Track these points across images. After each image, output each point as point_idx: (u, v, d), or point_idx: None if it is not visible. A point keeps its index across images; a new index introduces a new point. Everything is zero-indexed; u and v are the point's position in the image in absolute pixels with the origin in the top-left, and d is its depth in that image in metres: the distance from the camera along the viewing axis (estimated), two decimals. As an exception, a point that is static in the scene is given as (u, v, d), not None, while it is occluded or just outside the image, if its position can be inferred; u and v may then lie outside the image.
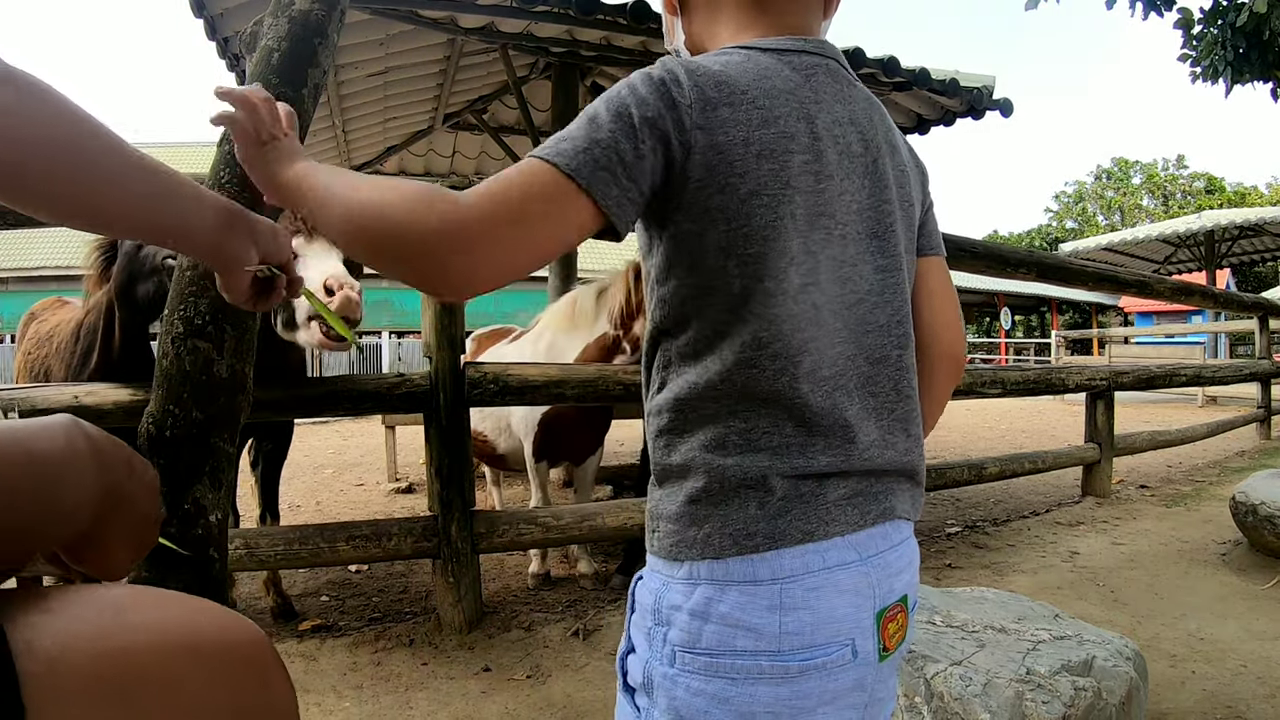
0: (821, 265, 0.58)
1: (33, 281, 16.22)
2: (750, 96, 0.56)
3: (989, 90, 3.75)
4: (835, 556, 0.56)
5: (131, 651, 0.40)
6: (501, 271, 0.52)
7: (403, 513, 4.02)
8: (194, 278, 1.03)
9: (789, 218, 0.56)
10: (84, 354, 2.12)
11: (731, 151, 0.54)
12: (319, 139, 4.84)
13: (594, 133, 0.52)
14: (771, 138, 0.56)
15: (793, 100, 0.58)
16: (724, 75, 0.56)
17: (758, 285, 0.56)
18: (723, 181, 0.54)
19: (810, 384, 0.57)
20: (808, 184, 0.57)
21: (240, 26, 2.99)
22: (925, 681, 1.21)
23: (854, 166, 0.61)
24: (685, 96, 0.54)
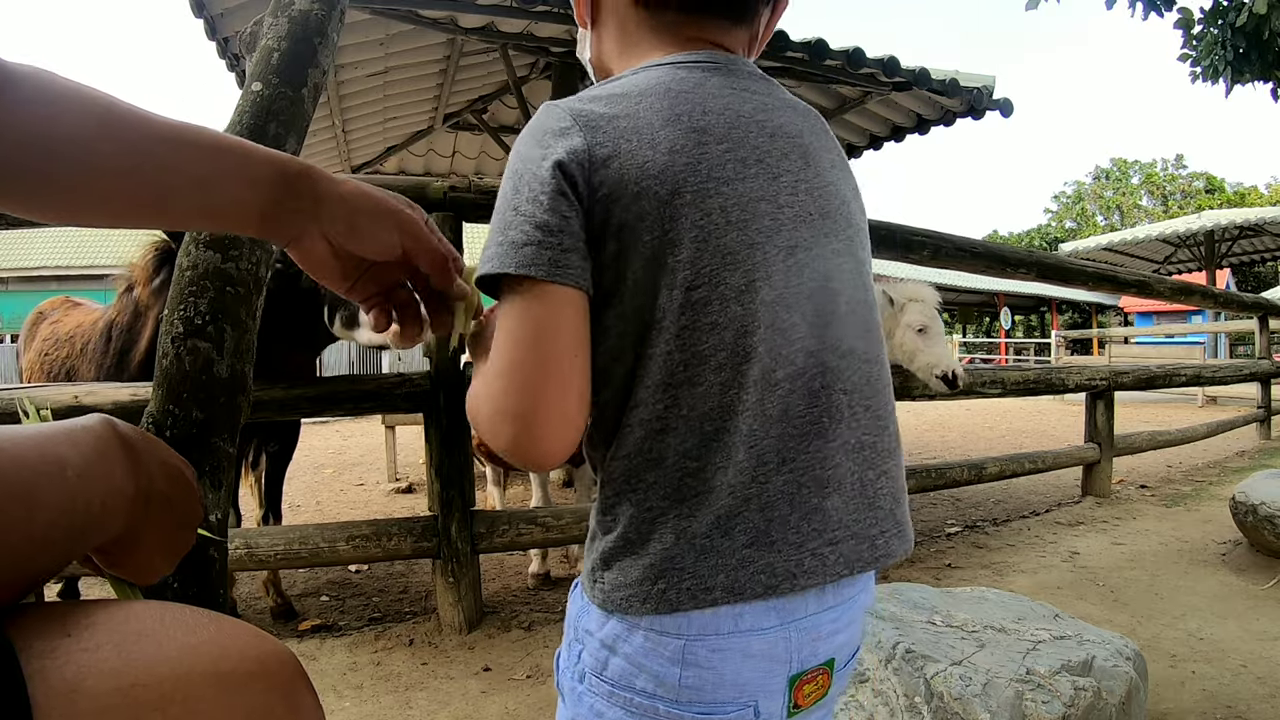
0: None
1: (33, 281, 16.22)
2: (646, 101, 0.53)
3: (989, 90, 3.75)
4: (749, 621, 0.52)
5: (153, 680, 0.38)
6: (573, 420, 0.51)
7: (403, 513, 4.02)
8: (194, 278, 1.03)
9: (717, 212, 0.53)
10: (119, 354, 2.12)
11: (632, 161, 0.51)
12: (319, 139, 4.84)
13: (516, 219, 0.50)
14: (675, 135, 0.52)
15: (696, 94, 0.54)
16: (615, 93, 0.54)
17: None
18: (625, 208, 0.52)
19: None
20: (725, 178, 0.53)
21: (240, 26, 2.99)
22: (925, 681, 1.21)
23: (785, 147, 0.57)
24: (577, 143, 0.51)
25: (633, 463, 0.53)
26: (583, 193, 0.50)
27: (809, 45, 3.21)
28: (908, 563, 2.78)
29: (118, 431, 0.46)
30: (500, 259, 0.49)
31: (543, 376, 0.49)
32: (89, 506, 0.42)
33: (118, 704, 0.36)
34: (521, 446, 0.50)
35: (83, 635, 0.38)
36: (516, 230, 0.49)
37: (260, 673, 0.42)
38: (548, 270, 0.48)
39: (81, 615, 0.40)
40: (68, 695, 0.35)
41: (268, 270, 1.12)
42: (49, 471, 0.39)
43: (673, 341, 0.51)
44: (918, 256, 2.98)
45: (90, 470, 0.42)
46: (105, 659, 0.37)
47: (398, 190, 2.37)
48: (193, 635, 0.41)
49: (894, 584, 1.61)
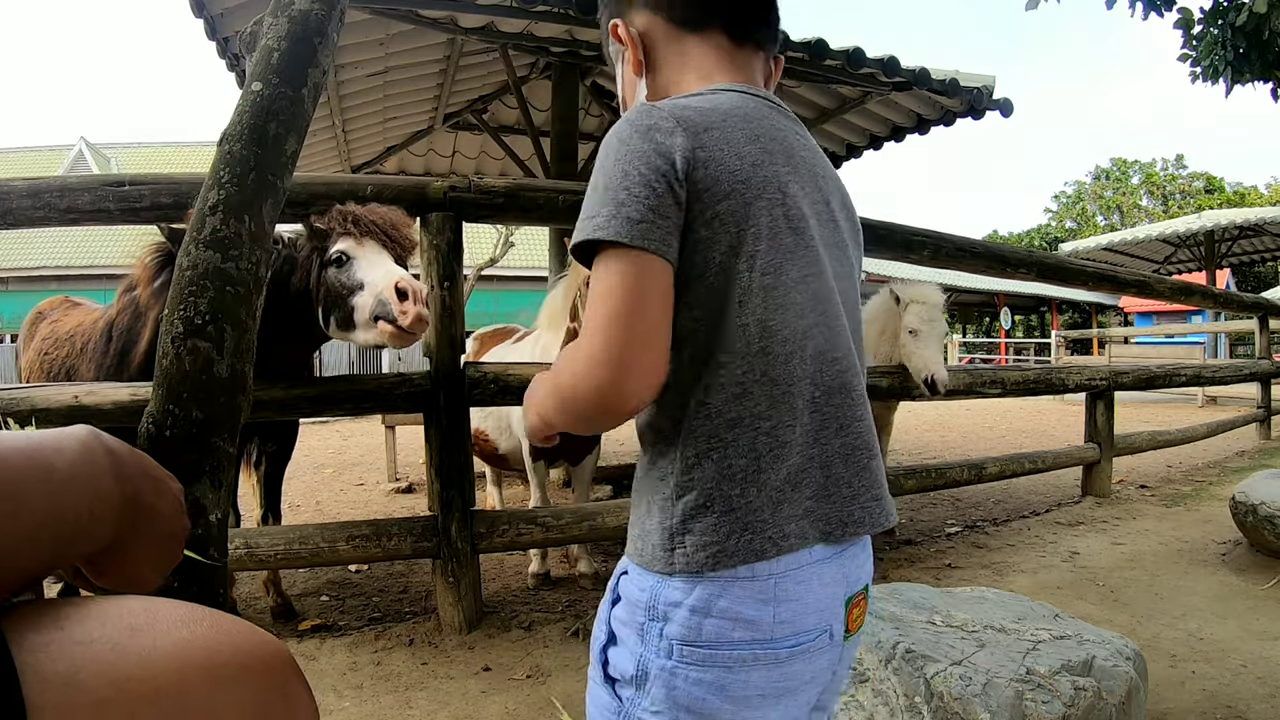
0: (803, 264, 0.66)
1: (33, 281, 16.22)
2: (731, 120, 0.64)
3: (989, 90, 3.75)
4: (819, 553, 0.62)
5: (147, 674, 0.38)
6: (657, 370, 0.59)
7: (403, 513, 4.02)
8: (194, 278, 1.03)
9: (782, 219, 0.63)
10: (120, 354, 2.13)
11: (724, 166, 0.61)
12: (319, 139, 4.83)
13: (624, 194, 0.58)
14: (755, 152, 0.63)
15: (764, 122, 0.66)
16: (704, 106, 0.64)
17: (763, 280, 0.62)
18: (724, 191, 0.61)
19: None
20: (791, 192, 0.64)
21: (240, 26, 2.99)
22: (925, 681, 1.21)
23: (824, 185, 0.70)
24: (685, 144, 0.60)
25: (714, 423, 0.60)
26: (685, 184, 0.59)
27: (809, 45, 3.20)
28: (907, 563, 2.78)
29: (103, 442, 0.46)
30: (617, 230, 0.57)
31: (639, 331, 0.57)
32: (77, 510, 0.42)
33: (112, 697, 0.36)
34: (614, 389, 0.57)
35: (77, 630, 0.38)
36: (631, 208, 0.57)
37: (254, 667, 0.42)
38: (656, 245, 0.57)
39: (76, 610, 0.40)
40: (61, 688, 0.35)
41: (268, 270, 1.12)
42: (36, 474, 0.40)
43: (749, 315, 0.60)
44: (918, 256, 2.98)
45: (76, 475, 0.42)
46: (100, 653, 0.37)
47: (398, 190, 2.37)
48: (187, 630, 0.41)
49: (894, 584, 1.61)
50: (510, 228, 11.74)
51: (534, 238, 16.42)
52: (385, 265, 1.82)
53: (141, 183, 1.97)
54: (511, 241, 12.34)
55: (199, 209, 1.06)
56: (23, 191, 1.95)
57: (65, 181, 2.01)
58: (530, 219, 2.38)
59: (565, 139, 4.34)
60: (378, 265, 1.82)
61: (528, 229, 13.25)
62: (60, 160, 19.12)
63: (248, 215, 1.07)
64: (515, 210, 2.23)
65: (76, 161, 19.11)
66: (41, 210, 1.96)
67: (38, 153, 20.31)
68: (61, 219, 1.99)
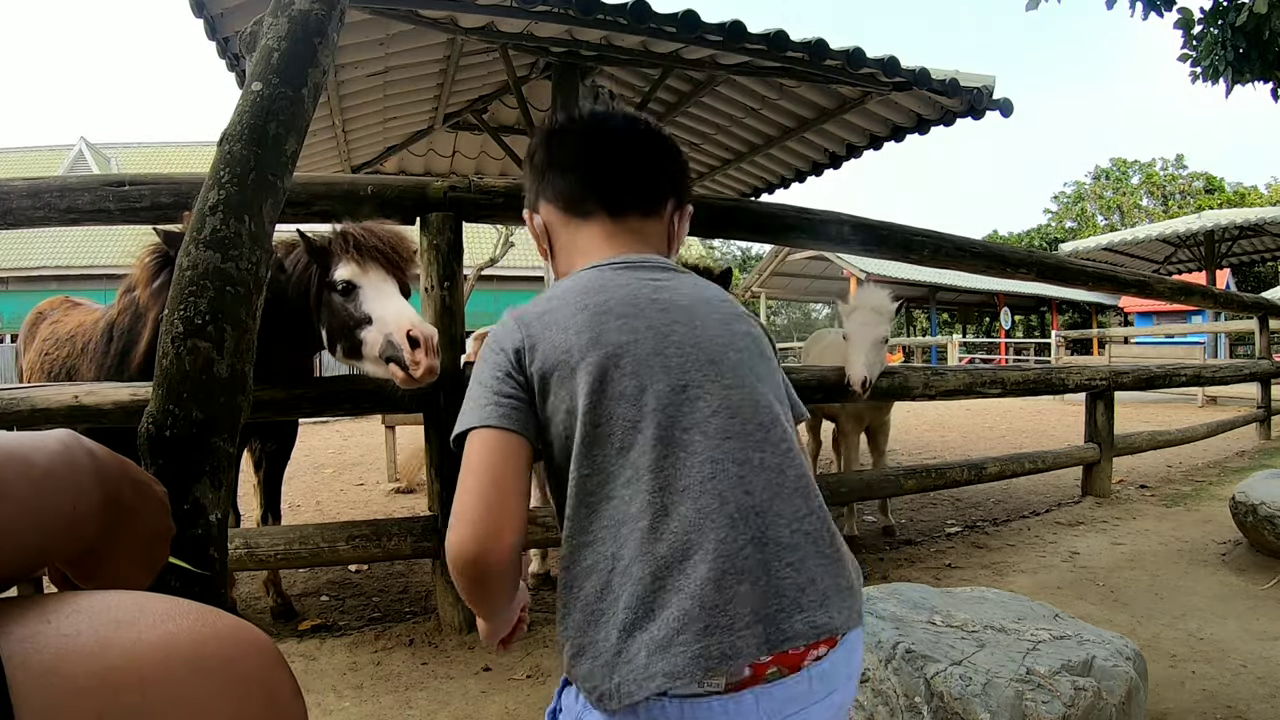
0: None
1: (33, 281, 16.22)
2: (566, 298, 0.74)
3: (989, 90, 3.75)
4: (722, 712, 0.61)
5: (132, 667, 0.38)
6: (510, 528, 0.66)
7: (403, 513, 4.01)
8: (194, 278, 1.03)
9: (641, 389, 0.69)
10: (120, 354, 2.14)
11: (550, 343, 0.71)
12: (319, 139, 4.83)
13: (476, 391, 0.71)
14: (582, 320, 0.71)
15: (605, 291, 0.73)
16: (549, 295, 0.76)
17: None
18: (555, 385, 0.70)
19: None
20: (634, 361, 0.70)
21: (240, 26, 2.99)
22: (925, 681, 1.21)
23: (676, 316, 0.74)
24: (518, 337, 0.72)
25: (571, 574, 0.66)
26: (521, 370, 0.71)
27: (809, 45, 3.21)
28: (907, 563, 2.78)
29: (83, 444, 0.47)
30: (469, 418, 0.69)
31: (491, 495, 0.65)
32: (58, 505, 0.43)
33: (94, 686, 0.36)
34: (472, 544, 0.64)
35: (62, 622, 0.39)
36: (483, 399, 0.70)
37: (239, 658, 0.43)
38: (502, 422, 0.68)
39: (61, 604, 0.41)
40: (45, 677, 0.35)
41: (268, 270, 1.12)
42: (14, 468, 0.40)
43: (584, 465, 0.66)
44: (918, 256, 2.98)
45: (56, 471, 0.43)
46: (84, 644, 0.38)
47: (398, 190, 2.37)
48: (171, 623, 0.42)
49: (894, 584, 1.61)
50: (510, 228, 11.74)
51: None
52: (394, 301, 1.81)
53: (141, 183, 1.97)
54: (511, 241, 12.34)
55: (199, 209, 1.06)
56: (23, 191, 1.95)
57: (65, 181, 2.00)
58: (530, 219, 2.38)
59: (565, 139, 4.33)
60: (386, 299, 1.80)
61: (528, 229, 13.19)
62: (60, 160, 19.12)
63: (248, 215, 1.07)
64: (515, 210, 2.23)
65: (76, 161, 19.11)
66: (41, 210, 1.96)
67: (38, 153, 20.31)
68: (61, 219, 1.99)
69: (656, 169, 0.85)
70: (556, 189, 0.83)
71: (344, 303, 1.85)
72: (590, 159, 0.83)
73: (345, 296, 1.85)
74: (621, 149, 0.84)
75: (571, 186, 0.82)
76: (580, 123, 0.85)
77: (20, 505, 0.40)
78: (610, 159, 0.83)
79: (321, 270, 1.91)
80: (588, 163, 0.83)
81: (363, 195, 2.08)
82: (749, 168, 5.79)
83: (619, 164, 0.83)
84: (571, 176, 0.83)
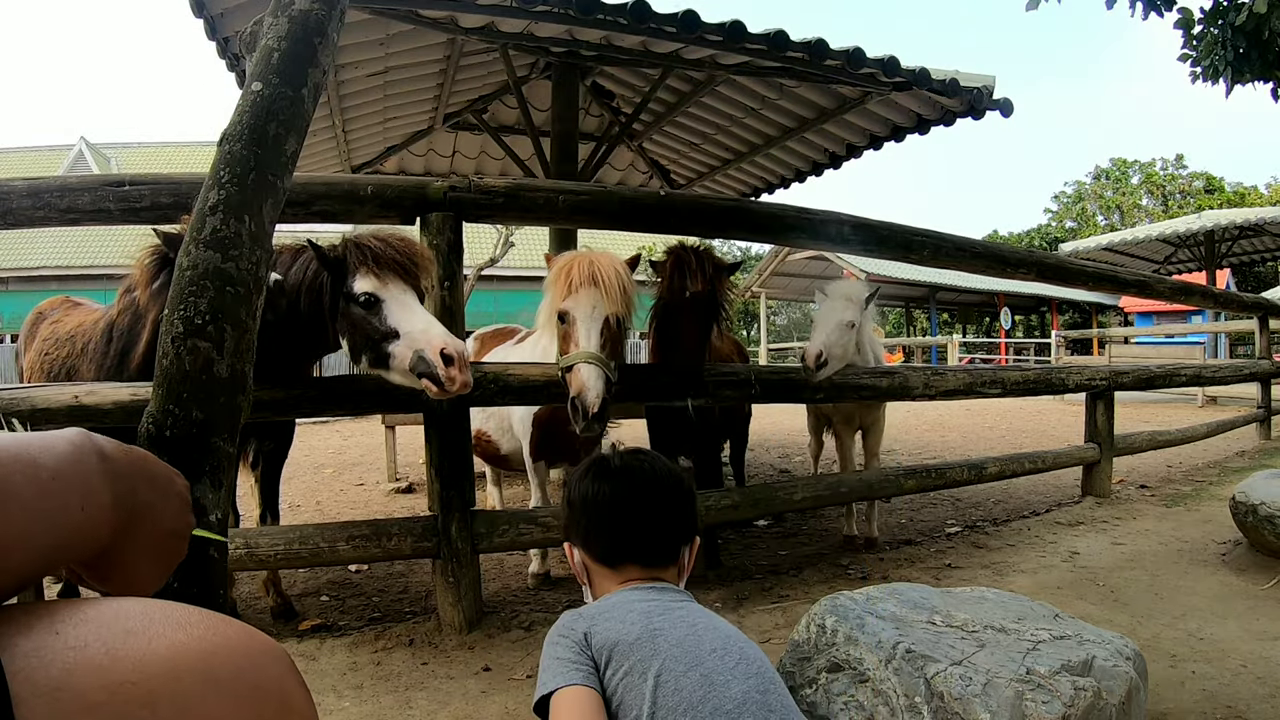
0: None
1: (33, 281, 16.22)
2: (610, 614, 1.00)
3: (989, 90, 3.75)
4: None
5: (141, 678, 0.37)
6: None
7: (403, 513, 4.02)
8: (194, 278, 1.03)
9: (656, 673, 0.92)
10: (120, 354, 2.14)
11: (608, 635, 0.96)
12: (319, 139, 4.83)
13: (557, 664, 0.95)
14: (632, 618, 0.97)
15: (638, 605, 1.01)
16: (603, 605, 1.03)
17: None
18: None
19: None
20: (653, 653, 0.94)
21: (240, 26, 2.99)
22: (925, 681, 1.21)
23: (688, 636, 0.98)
24: (580, 629, 0.99)
25: None
26: (589, 647, 0.96)
27: (809, 45, 3.21)
28: (907, 562, 2.78)
29: (95, 443, 0.46)
30: (555, 682, 0.92)
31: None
32: (68, 508, 0.42)
33: (104, 701, 0.35)
34: None
35: (70, 633, 0.38)
36: (562, 667, 0.94)
37: (250, 669, 0.42)
38: (581, 680, 0.92)
39: (70, 613, 0.40)
40: (52, 693, 0.34)
41: (268, 270, 1.12)
42: (22, 470, 0.39)
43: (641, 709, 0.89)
44: (918, 256, 2.98)
45: (64, 473, 0.42)
46: (92, 657, 0.37)
47: (398, 190, 2.37)
48: (182, 632, 0.41)
49: (894, 584, 1.61)
50: (510, 228, 11.74)
51: (534, 238, 16.40)
52: (419, 315, 1.84)
53: (141, 183, 1.97)
54: (511, 241, 12.35)
55: (199, 209, 1.06)
56: (23, 191, 1.95)
57: (65, 181, 2.00)
58: (530, 219, 2.38)
59: (565, 139, 4.34)
60: (411, 314, 1.83)
61: (528, 229, 13.24)
62: (60, 160, 19.12)
63: (248, 215, 1.07)
64: (515, 210, 2.23)
65: (76, 161, 19.11)
66: (41, 210, 1.96)
67: (38, 153, 20.31)
68: (61, 219, 1.99)
69: (678, 533, 1.11)
70: (592, 549, 1.10)
71: (367, 316, 1.86)
72: (623, 533, 1.08)
73: (368, 310, 1.86)
74: (649, 523, 1.08)
75: (607, 552, 1.08)
76: (614, 493, 1.08)
77: (27, 509, 0.39)
78: (640, 534, 1.08)
79: (335, 279, 1.91)
80: (621, 536, 1.08)
81: (363, 195, 2.08)
82: (749, 168, 5.79)
83: (647, 537, 1.08)
84: (607, 544, 1.09)
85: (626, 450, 1.17)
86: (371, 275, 1.85)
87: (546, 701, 0.91)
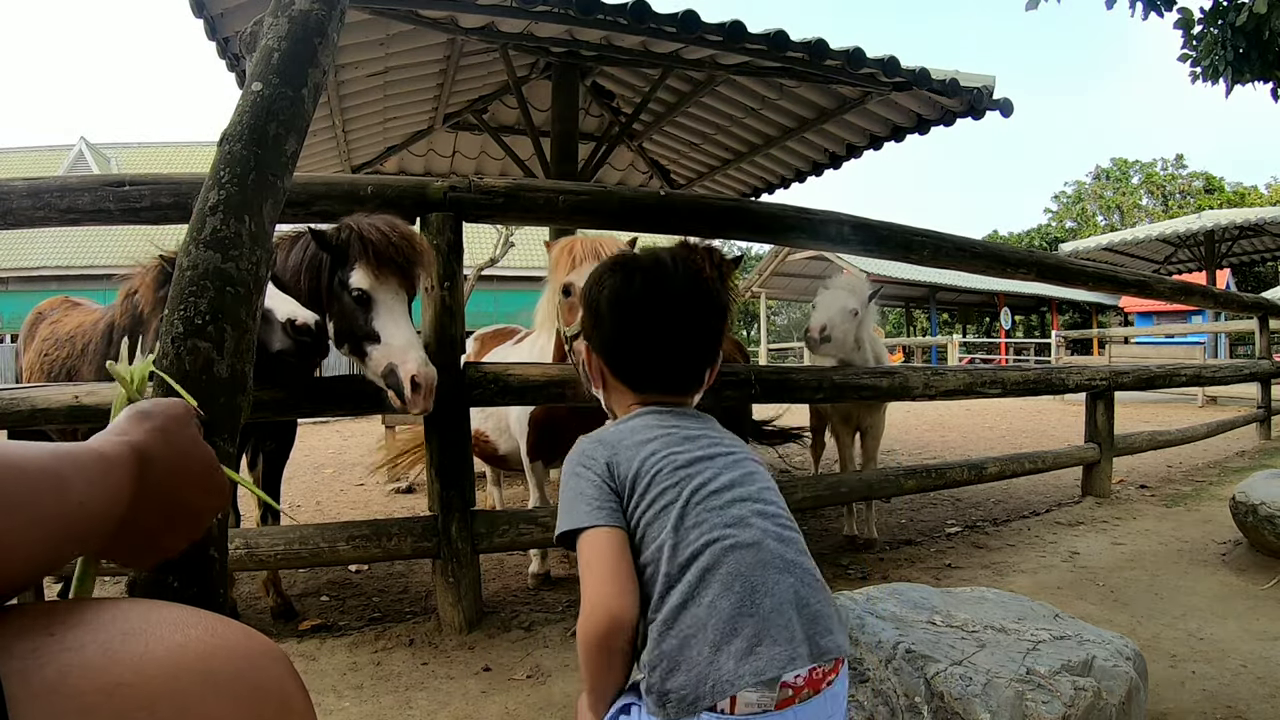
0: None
1: (33, 281, 16.22)
2: (632, 441, 0.95)
3: (989, 90, 3.75)
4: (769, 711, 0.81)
5: (139, 680, 0.37)
6: (634, 595, 0.86)
7: (403, 513, 4.02)
8: (194, 278, 1.03)
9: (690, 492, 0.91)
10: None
11: (630, 465, 0.92)
12: (319, 139, 4.83)
13: (582, 502, 0.91)
14: (653, 446, 0.93)
15: (659, 433, 0.95)
16: (621, 429, 0.97)
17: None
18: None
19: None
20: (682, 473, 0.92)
21: (240, 26, 2.99)
22: (925, 681, 1.21)
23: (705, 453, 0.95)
24: (601, 459, 0.93)
25: (659, 628, 0.86)
26: (613, 480, 0.92)
27: (809, 45, 3.21)
28: (907, 563, 2.78)
29: (134, 449, 0.46)
30: (580, 520, 0.89)
31: (612, 574, 0.86)
32: (89, 526, 0.42)
33: (101, 704, 0.35)
34: (618, 610, 0.84)
35: (67, 635, 0.38)
36: (587, 505, 0.90)
37: (249, 670, 0.42)
38: (606, 519, 0.89)
39: (67, 615, 0.39)
40: (47, 696, 0.34)
41: (268, 270, 1.12)
42: (52, 489, 0.39)
43: (667, 560, 0.86)
44: (918, 256, 2.98)
45: (94, 498, 0.42)
46: (89, 659, 0.37)
47: (398, 190, 2.37)
48: (180, 634, 0.40)
49: (894, 584, 1.61)
50: (510, 228, 11.74)
51: (534, 238, 16.39)
52: (402, 328, 1.87)
53: (141, 183, 1.97)
54: (511, 241, 12.34)
55: (199, 209, 1.06)
56: (23, 191, 1.95)
57: (65, 181, 2.00)
58: (530, 219, 2.38)
59: (565, 139, 4.34)
60: (396, 324, 1.87)
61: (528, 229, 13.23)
62: (60, 160, 19.12)
63: (248, 215, 1.07)
64: (515, 210, 2.23)
65: (76, 161, 19.11)
66: (41, 210, 1.96)
67: (38, 153, 20.32)
68: (61, 219, 1.99)
69: (706, 358, 1.03)
70: (617, 368, 1.02)
71: (356, 309, 1.90)
72: (653, 355, 1.00)
73: (358, 304, 1.90)
74: (680, 348, 1.00)
75: (633, 375, 1.02)
76: (646, 292, 0.99)
77: (45, 530, 0.38)
78: (670, 358, 1.00)
79: (334, 263, 1.94)
80: (650, 359, 1.00)
81: (363, 195, 2.08)
82: (749, 168, 5.80)
83: (676, 364, 1.01)
84: (635, 368, 1.01)
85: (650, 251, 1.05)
86: (369, 272, 1.87)
87: (569, 534, 0.89)
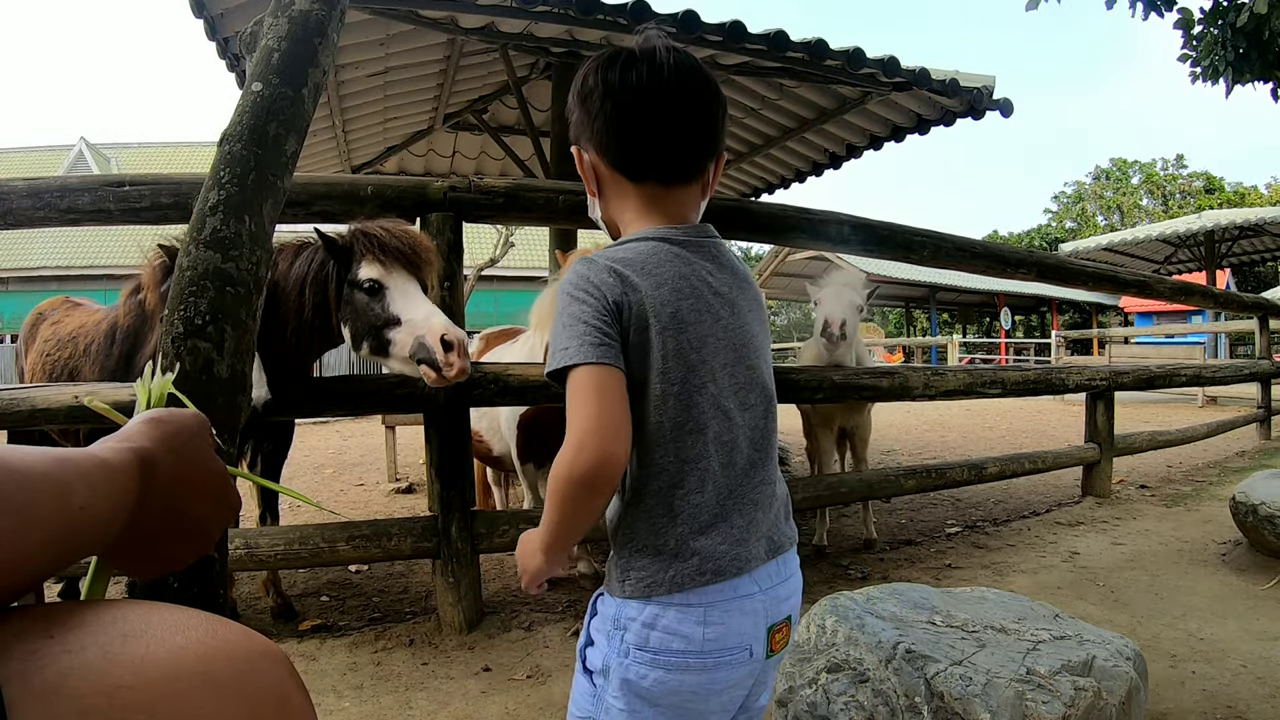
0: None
1: (32, 281, 16.22)
2: (647, 269, 0.84)
3: (989, 90, 3.75)
4: (743, 588, 0.81)
5: (139, 682, 0.37)
6: (625, 440, 0.78)
7: (403, 513, 4.02)
8: (194, 278, 1.03)
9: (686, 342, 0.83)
10: (124, 356, 2.14)
11: (641, 308, 0.82)
12: (319, 139, 4.83)
13: (582, 330, 0.80)
14: (663, 294, 0.83)
15: (671, 267, 0.85)
16: (630, 259, 0.84)
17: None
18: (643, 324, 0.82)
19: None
20: (690, 318, 0.84)
21: (240, 26, 2.99)
22: (925, 681, 1.21)
23: (720, 302, 0.88)
24: (608, 292, 0.81)
25: (641, 491, 0.82)
26: (620, 316, 0.81)
27: (809, 45, 3.20)
28: (907, 563, 2.78)
29: (138, 455, 0.46)
30: (580, 355, 0.78)
31: (608, 413, 0.77)
32: (92, 540, 0.42)
33: (100, 706, 0.35)
34: (606, 453, 0.75)
35: (66, 637, 0.37)
36: (590, 337, 0.79)
37: (249, 672, 0.41)
38: (609, 359, 0.79)
39: (67, 617, 0.39)
40: (47, 698, 0.34)
41: (268, 270, 1.12)
42: (53, 492, 0.39)
43: (662, 414, 0.82)
44: (918, 256, 2.98)
45: (94, 503, 0.42)
46: (89, 661, 0.36)
47: (398, 190, 2.37)
48: (180, 636, 0.40)
49: (894, 584, 1.61)
50: (510, 228, 11.74)
51: (534, 238, 16.41)
52: (421, 304, 1.86)
53: (141, 183, 1.97)
54: (511, 242, 12.34)
55: (199, 209, 1.06)
56: (23, 191, 1.95)
57: (65, 181, 2.00)
58: (530, 219, 2.38)
59: (566, 139, 4.32)
60: (414, 302, 1.85)
61: (528, 229, 13.24)
62: (60, 160, 19.12)
63: (248, 215, 1.07)
64: (515, 210, 2.23)
65: (76, 161, 19.11)
66: (41, 210, 1.96)
67: (38, 153, 20.31)
68: (61, 219, 1.99)
69: (709, 141, 0.90)
70: (612, 154, 0.88)
71: (370, 302, 1.88)
72: (649, 134, 0.86)
73: (371, 296, 1.88)
74: (681, 125, 0.87)
75: (628, 158, 0.87)
76: (642, 83, 0.85)
77: (48, 534, 0.38)
78: (669, 137, 0.86)
79: (341, 267, 1.93)
80: (647, 139, 0.86)
81: (363, 195, 2.08)
82: (749, 168, 5.79)
83: (677, 143, 0.87)
84: (629, 149, 0.87)
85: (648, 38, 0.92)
86: (377, 263, 1.87)
87: (563, 371, 0.79)
